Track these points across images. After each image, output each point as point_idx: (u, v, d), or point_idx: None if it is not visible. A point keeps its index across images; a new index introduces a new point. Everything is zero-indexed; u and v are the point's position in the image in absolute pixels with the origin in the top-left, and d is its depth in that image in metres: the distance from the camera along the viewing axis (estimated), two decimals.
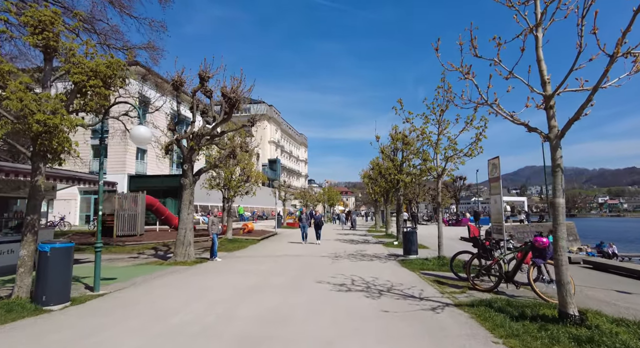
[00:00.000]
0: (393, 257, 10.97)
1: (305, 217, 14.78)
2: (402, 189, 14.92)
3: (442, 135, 9.34)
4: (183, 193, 10.16)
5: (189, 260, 9.85)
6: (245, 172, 15.63)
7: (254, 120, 11.02)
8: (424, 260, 9.56)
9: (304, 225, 14.60)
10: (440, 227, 9.50)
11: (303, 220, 14.77)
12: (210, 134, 10.19)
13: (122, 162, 27.01)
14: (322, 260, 10.17)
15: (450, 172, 9.47)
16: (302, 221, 14.69)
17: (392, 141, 15.18)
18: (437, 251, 9.49)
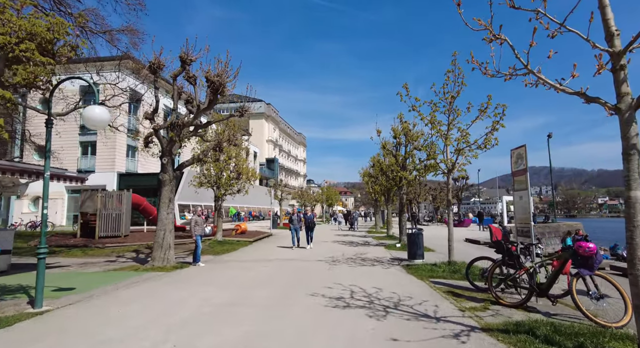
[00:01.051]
0: (397, 262, 9.89)
1: (296, 218, 12.97)
2: (405, 187, 13.85)
3: (452, 125, 8.27)
4: (162, 190, 9.07)
5: (169, 265, 8.75)
6: (236, 168, 14.53)
7: (243, 109, 9.93)
8: (433, 265, 8.48)
9: (296, 227, 12.83)
10: (451, 228, 8.43)
11: (294, 221, 12.86)
12: (192, 123, 9.11)
13: (111, 160, 25.89)
14: (317, 266, 9.08)
15: (461, 166, 8.39)
16: (293, 222, 12.85)
17: (395, 135, 14.10)
18: (447, 255, 8.41)
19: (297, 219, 13.02)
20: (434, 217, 42.01)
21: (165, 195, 9.04)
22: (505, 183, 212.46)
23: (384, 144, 14.21)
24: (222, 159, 14.21)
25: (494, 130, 7.79)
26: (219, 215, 14.87)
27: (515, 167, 6.11)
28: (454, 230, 15.04)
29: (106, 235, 15.45)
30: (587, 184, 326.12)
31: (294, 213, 13.46)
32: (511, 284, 5.34)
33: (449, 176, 8.35)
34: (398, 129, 13.93)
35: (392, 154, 13.94)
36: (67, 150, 26.09)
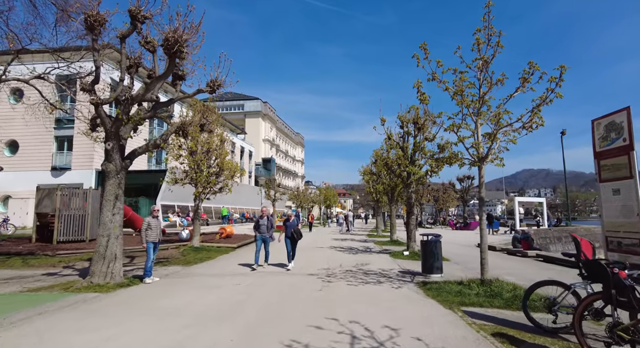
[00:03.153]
0: (408, 277, 7.83)
1: (266, 223, 8.75)
2: (413, 185, 11.81)
3: (484, 99, 6.23)
4: (105, 184, 6.99)
5: (111, 283, 6.66)
6: (217, 162, 12.45)
7: (216, 83, 7.86)
8: (459, 284, 6.41)
9: (264, 236, 8.74)
10: (485, 235, 6.36)
11: (261, 228, 8.70)
12: (145, 98, 7.05)
13: (89, 157, 23.73)
14: (307, 283, 7.00)
15: (497, 154, 6.35)
16: (260, 230, 8.72)
17: (402, 124, 12.07)
18: (480, 271, 6.33)
19: (266, 225, 8.69)
20: (436, 220, 39.97)
21: (110, 191, 6.95)
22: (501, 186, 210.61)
23: (389, 134, 12.17)
24: (200, 151, 12.13)
25: (545, 103, 5.76)
26: (195, 217, 12.77)
27: (603, 144, 4.08)
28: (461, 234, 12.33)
29: (67, 240, 13.33)
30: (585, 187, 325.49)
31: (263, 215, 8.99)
32: (628, 337, 3.22)
33: (481, 166, 6.29)
34: (406, 117, 11.91)
35: (400, 145, 11.90)
36: (40, 146, 23.98)
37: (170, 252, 11.96)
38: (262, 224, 8.82)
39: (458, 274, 8.23)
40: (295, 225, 8.85)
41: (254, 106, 63.48)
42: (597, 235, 24.08)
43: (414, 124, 11.76)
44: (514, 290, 5.70)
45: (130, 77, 7.82)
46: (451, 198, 39.84)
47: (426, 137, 11.45)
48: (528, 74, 5.97)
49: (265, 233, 8.80)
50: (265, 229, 8.78)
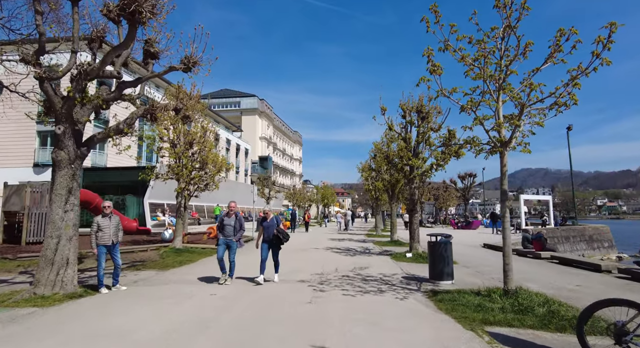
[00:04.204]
0: (414, 283, 6.76)
1: (233, 222, 6.69)
2: (416, 180, 10.74)
3: (505, 71, 5.15)
4: (56, 175, 5.87)
5: (60, 293, 5.55)
6: (201, 156, 11.33)
7: (191, 60, 6.76)
8: (477, 295, 5.33)
9: (227, 241, 6.70)
10: (508, 236, 5.27)
11: (226, 229, 6.68)
12: (104, 74, 5.93)
13: None
14: (294, 293, 5.90)
15: (522, 137, 5.28)
16: (224, 231, 6.69)
17: (404, 114, 11.00)
18: (503, 279, 5.24)
19: (233, 225, 6.65)
20: (437, 219, 38.96)
21: (61, 184, 5.84)
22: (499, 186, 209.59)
23: (390, 125, 11.09)
24: (182, 143, 11.02)
25: (584, 74, 4.68)
26: (178, 216, 11.66)
27: None
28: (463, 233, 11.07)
29: (37, 241, 12.19)
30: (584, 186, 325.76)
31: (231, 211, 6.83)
32: None
33: (503, 153, 5.21)
34: (409, 105, 10.83)
35: (402, 136, 10.81)
36: (21, 141, 22.76)
37: (149, 254, 10.85)
38: (228, 224, 6.66)
39: (470, 280, 7.17)
40: (275, 225, 6.66)
41: (250, 103, 62.27)
42: (606, 234, 23.14)
43: (417, 113, 10.69)
44: (546, 303, 4.63)
45: (92, 52, 6.71)
46: (452, 196, 38.84)
47: (431, 127, 10.38)
48: (561, 42, 4.90)
49: (230, 237, 6.66)
50: (232, 231, 6.66)
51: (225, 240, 6.76)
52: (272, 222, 6.74)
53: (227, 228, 6.74)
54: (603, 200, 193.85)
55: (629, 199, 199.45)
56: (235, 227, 6.74)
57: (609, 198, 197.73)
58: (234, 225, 6.73)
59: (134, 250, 11.31)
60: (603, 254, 20.57)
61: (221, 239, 6.79)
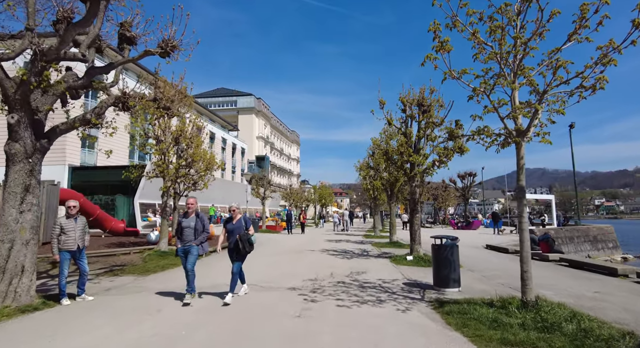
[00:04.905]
0: (417, 291, 6.08)
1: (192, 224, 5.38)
2: (417, 178, 10.07)
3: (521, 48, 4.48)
4: (10, 171, 5.16)
5: (13, 305, 4.83)
6: (188, 153, 10.62)
7: (169, 43, 6.06)
8: (490, 306, 4.65)
9: (186, 247, 5.32)
10: (526, 238, 4.59)
11: (185, 232, 5.34)
12: (66, 56, 5.22)
13: (61, 151, 21.69)
14: (282, 305, 5.21)
15: (542, 128, 4.62)
16: (183, 235, 5.36)
17: (404, 107, 10.33)
18: (522, 289, 4.56)
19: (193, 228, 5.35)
20: (436, 219, 38.35)
21: (16, 181, 5.12)
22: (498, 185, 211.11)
23: (389, 119, 10.41)
24: (168, 138, 10.32)
25: (616, 50, 4.02)
26: (163, 217, 10.94)
27: None
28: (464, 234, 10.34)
29: None
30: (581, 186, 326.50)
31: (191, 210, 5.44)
32: None
33: (520, 144, 4.54)
34: (409, 98, 10.17)
35: (402, 131, 10.14)
36: (3, 139, 21.89)
37: (132, 258, 10.13)
38: (187, 227, 5.29)
39: (478, 287, 6.51)
40: (242, 228, 5.36)
41: (247, 102, 61.54)
42: (610, 235, 22.59)
43: (418, 106, 10.02)
44: (573, 317, 3.96)
45: (58, 34, 5.99)
46: (451, 196, 38.22)
47: (433, 121, 9.71)
48: (588, 14, 4.23)
49: (188, 242, 5.25)
50: (192, 235, 5.28)
51: (183, 247, 5.29)
52: (238, 224, 5.40)
53: (186, 232, 5.30)
54: (601, 200, 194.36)
55: (627, 199, 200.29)
56: (196, 229, 5.33)
57: (607, 198, 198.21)
58: (195, 227, 5.34)
59: (116, 253, 10.58)
60: (608, 255, 20.01)
61: (180, 249, 5.30)
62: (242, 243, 5.23)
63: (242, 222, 5.47)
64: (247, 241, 5.30)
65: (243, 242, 5.25)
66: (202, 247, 5.47)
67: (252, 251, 5.41)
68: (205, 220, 5.50)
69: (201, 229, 5.40)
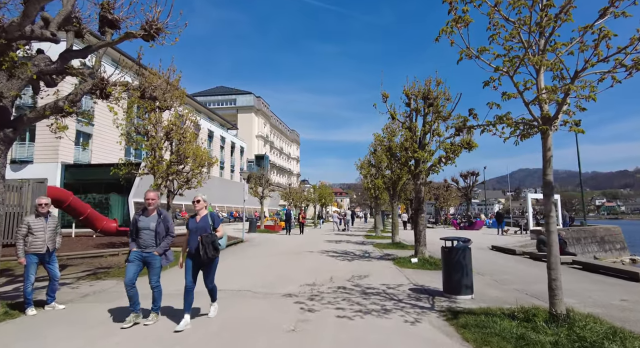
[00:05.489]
0: (425, 299, 5.51)
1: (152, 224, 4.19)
2: (423, 175, 9.49)
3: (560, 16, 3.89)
4: None
5: None
6: (179, 148, 10.06)
7: (152, 27, 5.49)
8: (512, 319, 4.08)
9: (146, 255, 4.18)
10: (554, 241, 4.01)
11: (142, 235, 4.18)
12: (31, 34, 4.64)
13: (54, 148, 21.13)
14: (275, 315, 4.63)
15: (570, 116, 4.05)
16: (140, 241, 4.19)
17: (408, 101, 9.76)
18: (550, 299, 3.98)
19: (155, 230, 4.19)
20: (437, 219, 37.77)
21: None
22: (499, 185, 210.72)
23: (393, 114, 9.83)
24: (159, 133, 9.75)
25: None
26: None
27: None
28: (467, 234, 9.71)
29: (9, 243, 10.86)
30: None
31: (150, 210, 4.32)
32: None
33: (547, 133, 3.97)
34: (414, 90, 9.60)
35: (406, 125, 9.56)
36: None
37: (119, 259, 9.56)
38: (145, 228, 4.15)
39: (492, 293, 5.94)
40: (207, 228, 4.12)
41: (246, 101, 60.97)
42: (618, 236, 22.02)
43: (424, 99, 9.45)
44: (615, 335, 3.39)
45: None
46: (453, 196, 37.65)
47: (439, 115, 9.14)
48: None
49: (147, 248, 4.15)
50: (152, 239, 4.15)
51: (141, 255, 4.13)
52: (203, 222, 4.15)
53: (143, 234, 4.13)
54: (601, 200, 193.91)
55: (627, 199, 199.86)
56: (157, 232, 4.16)
57: (607, 199, 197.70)
58: (156, 229, 4.15)
59: (104, 254, 10.03)
60: (616, 256, 19.45)
61: (133, 253, 4.13)
62: (203, 247, 3.94)
63: (207, 220, 4.18)
64: (210, 244, 3.97)
65: (205, 246, 3.94)
66: (165, 256, 4.28)
67: (216, 257, 4.14)
68: (169, 221, 4.33)
69: (164, 232, 4.24)
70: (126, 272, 4.13)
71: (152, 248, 4.18)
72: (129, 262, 4.13)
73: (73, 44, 5.80)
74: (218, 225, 4.25)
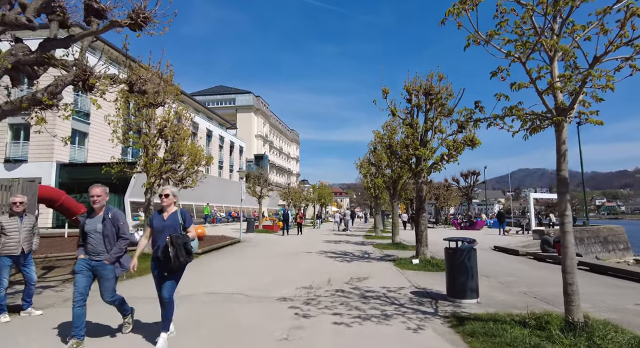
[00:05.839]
0: (428, 303, 5.19)
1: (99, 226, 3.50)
2: (424, 173, 9.18)
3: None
4: None
5: None
6: (173, 146, 9.74)
7: (139, 15, 5.18)
8: (523, 326, 3.76)
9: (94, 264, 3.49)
10: (570, 242, 3.70)
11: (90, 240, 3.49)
12: (2, 19, 4.33)
13: (49, 147, 20.81)
14: (267, 322, 4.31)
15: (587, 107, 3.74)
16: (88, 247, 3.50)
17: (409, 97, 9.44)
18: (565, 306, 3.66)
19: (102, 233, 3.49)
20: (438, 219, 37.44)
21: None
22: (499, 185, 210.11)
23: (393, 109, 9.52)
24: (152, 129, 9.43)
25: None
26: (147, 215, 10.06)
27: None
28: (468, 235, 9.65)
29: None
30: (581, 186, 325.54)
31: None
32: None
33: (562, 125, 3.66)
34: (415, 85, 9.29)
35: (407, 121, 9.25)
36: None
37: None
38: (92, 230, 3.49)
39: (498, 297, 5.64)
40: (176, 226, 3.47)
41: (245, 100, 60.64)
42: (621, 236, 21.72)
43: (425, 95, 9.14)
44: (638, 345, 3.07)
45: None
46: (453, 196, 37.31)
47: (442, 110, 8.83)
48: None
49: (97, 255, 3.50)
50: (101, 243, 3.50)
51: (89, 263, 3.45)
52: (171, 220, 3.48)
53: (91, 238, 3.46)
54: (601, 200, 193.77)
55: (627, 199, 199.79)
56: (106, 235, 3.47)
57: (607, 199, 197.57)
58: (104, 232, 3.46)
59: None
60: (619, 257, 19.15)
61: (80, 261, 3.47)
62: (173, 249, 3.24)
63: (177, 218, 3.49)
64: (182, 246, 3.29)
65: (176, 248, 3.25)
66: (119, 265, 3.56)
67: (189, 262, 3.41)
68: (120, 220, 3.59)
69: (113, 235, 3.51)
70: (75, 285, 3.39)
71: (103, 255, 3.48)
72: (76, 272, 3.45)
73: (57, 34, 5.49)
74: (189, 225, 3.54)
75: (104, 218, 3.52)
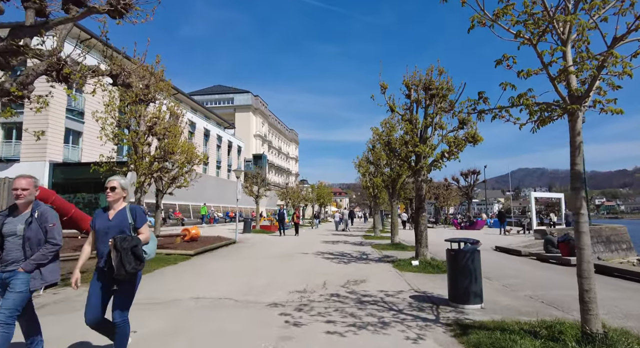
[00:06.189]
0: (429, 308, 4.84)
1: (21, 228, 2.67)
2: (424, 171, 8.84)
3: None
4: None
5: None
6: (164, 143, 9.39)
7: (120, 1, 4.83)
8: (534, 336, 3.42)
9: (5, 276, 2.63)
10: (586, 244, 3.35)
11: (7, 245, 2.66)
12: None
13: (42, 146, 20.43)
14: (254, 329, 3.96)
15: (603, 95, 3.41)
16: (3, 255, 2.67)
17: (408, 93, 9.10)
18: (582, 314, 3.32)
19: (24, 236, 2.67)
20: (437, 219, 37.12)
21: None
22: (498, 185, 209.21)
23: (392, 105, 9.17)
24: (141, 126, 9.08)
25: None
26: None
27: None
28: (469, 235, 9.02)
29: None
30: None
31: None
32: None
33: (577, 113, 3.32)
34: (414, 80, 8.94)
35: (407, 118, 8.91)
36: None
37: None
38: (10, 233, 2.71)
39: (503, 301, 5.29)
40: (125, 226, 2.74)
41: (244, 100, 60.27)
42: (624, 235, 21.38)
43: (425, 90, 8.80)
44: None
45: None
46: (453, 195, 37.01)
47: (441, 107, 8.49)
48: None
49: (12, 263, 2.67)
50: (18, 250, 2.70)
51: (1, 276, 2.66)
52: (118, 220, 2.76)
53: (8, 241, 2.71)
54: (601, 199, 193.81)
55: (626, 199, 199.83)
56: (28, 239, 2.70)
57: (607, 198, 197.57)
58: (25, 235, 2.70)
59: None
60: (622, 257, 18.82)
61: None
62: (117, 254, 2.55)
63: (126, 216, 2.78)
64: (128, 250, 2.57)
65: (120, 253, 2.54)
66: (40, 275, 2.72)
67: (137, 271, 2.68)
68: (50, 221, 2.78)
69: (37, 241, 2.73)
70: None
71: (17, 262, 2.67)
72: None
73: (33, 23, 5.13)
74: (141, 225, 2.79)
75: (30, 219, 2.72)
